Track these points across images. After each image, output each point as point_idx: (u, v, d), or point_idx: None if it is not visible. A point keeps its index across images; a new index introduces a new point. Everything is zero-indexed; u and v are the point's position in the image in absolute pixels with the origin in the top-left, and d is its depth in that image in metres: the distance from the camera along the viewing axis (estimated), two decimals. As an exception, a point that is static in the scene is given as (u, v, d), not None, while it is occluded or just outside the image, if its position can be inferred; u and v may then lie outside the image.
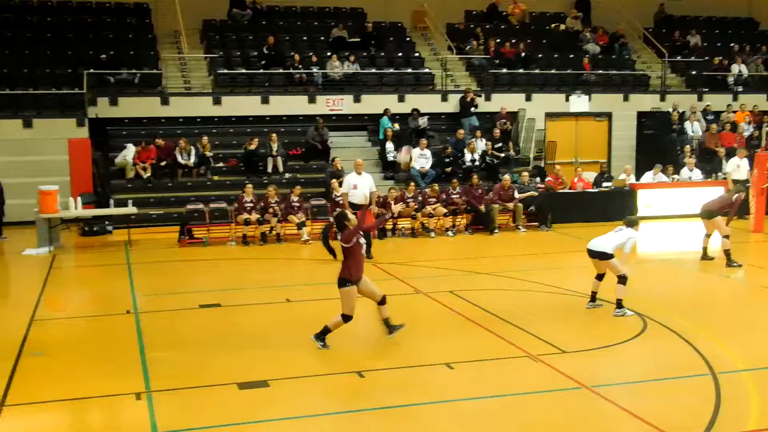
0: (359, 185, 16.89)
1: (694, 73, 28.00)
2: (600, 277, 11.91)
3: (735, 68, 28.16)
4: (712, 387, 8.61)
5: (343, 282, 10.05)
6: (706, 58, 28.58)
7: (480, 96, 25.01)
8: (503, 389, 8.75)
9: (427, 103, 24.70)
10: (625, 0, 29.04)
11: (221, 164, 22.31)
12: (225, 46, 25.28)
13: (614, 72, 27.22)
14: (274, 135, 22.38)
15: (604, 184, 22.03)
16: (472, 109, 24.58)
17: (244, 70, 24.30)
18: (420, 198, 19.72)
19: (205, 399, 8.47)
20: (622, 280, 11.53)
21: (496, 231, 19.58)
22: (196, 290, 13.80)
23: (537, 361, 9.54)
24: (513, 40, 27.26)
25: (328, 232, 10.98)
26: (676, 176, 22.35)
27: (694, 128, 25.38)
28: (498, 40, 27.15)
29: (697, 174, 22.36)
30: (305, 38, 26.24)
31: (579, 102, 25.75)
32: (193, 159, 21.64)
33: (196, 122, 23.28)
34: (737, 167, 21.08)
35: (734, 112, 26.18)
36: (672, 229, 20.38)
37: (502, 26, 28.80)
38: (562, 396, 8.53)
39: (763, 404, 8.21)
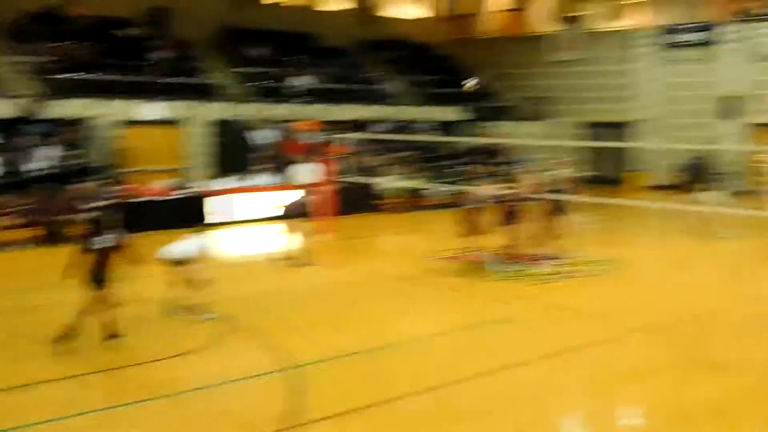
0: None
1: (259, 83, 29.30)
2: (176, 283, 11.99)
3: (295, 80, 30.02)
4: (282, 383, 9.15)
5: None
6: (269, 69, 30.10)
7: (44, 102, 23.58)
8: (83, 407, 8.41)
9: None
10: (192, 9, 29.43)
11: None
12: None
13: (184, 80, 27.41)
14: None
15: (176, 192, 22.23)
16: (36, 115, 23.10)
17: None
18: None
19: None
20: (197, 285, 11.73)
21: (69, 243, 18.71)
22: None
23: (118, 374, 9.35)
24: (81, 43, 26.14)
25: None
26: (248, 182, 23.31)
27: (263, 136, 26.61)
28: (62, 44, 25.84)
29: (268, 179, 23.60)
30: None
31: (150, 109, 25.51)
32: None
33: None
34: (303, 172, 22.58)
35: (297, 121, 27.90)
36: (247, 233, 21.14)
37: (66, 29, 27.42)
38: (146, 407, 8.46)
39: (319, 395, 8.83)
